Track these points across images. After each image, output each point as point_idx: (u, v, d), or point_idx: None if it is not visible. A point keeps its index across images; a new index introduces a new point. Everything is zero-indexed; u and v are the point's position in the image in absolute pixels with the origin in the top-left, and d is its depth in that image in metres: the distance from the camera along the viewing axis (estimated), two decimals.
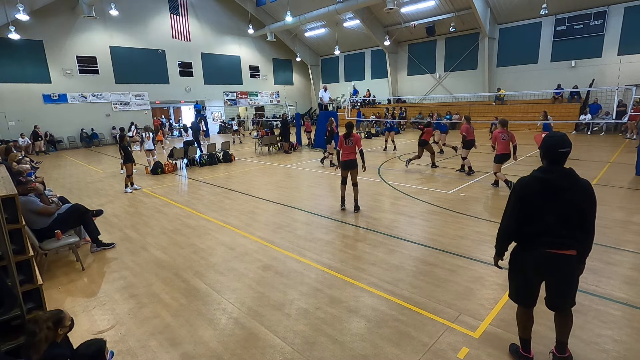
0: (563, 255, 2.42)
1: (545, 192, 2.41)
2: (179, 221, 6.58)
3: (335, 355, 2.91)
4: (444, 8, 21.96)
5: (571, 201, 2.37)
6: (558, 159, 2.39)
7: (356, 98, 27.34)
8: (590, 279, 3.91)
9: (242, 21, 27.18)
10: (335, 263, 4.56)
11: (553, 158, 2.41)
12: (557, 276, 2.50)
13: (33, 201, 4.59)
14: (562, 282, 2.51)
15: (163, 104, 25.95)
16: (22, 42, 18.22)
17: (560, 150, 2.37)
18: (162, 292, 4.05)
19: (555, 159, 2.40)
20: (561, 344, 2.66)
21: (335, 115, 15.87)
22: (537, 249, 2.48)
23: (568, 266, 2.45)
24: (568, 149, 2.38)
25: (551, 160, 2.43)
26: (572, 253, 2.43)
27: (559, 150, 2.37)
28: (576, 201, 2.37)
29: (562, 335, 2.65)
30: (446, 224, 5.81)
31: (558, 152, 2.38)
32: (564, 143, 2.37)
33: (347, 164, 6.55)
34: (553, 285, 2.55)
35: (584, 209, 2.38)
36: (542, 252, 2.46)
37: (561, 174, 2.38)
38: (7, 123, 18.65)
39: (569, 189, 2.37)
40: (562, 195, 2.37)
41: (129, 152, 8.78)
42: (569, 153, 2.40)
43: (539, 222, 2.44)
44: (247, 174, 10.86)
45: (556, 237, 2.41)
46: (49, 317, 2.31)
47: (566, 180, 2.37)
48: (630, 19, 17.18)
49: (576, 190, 2.37)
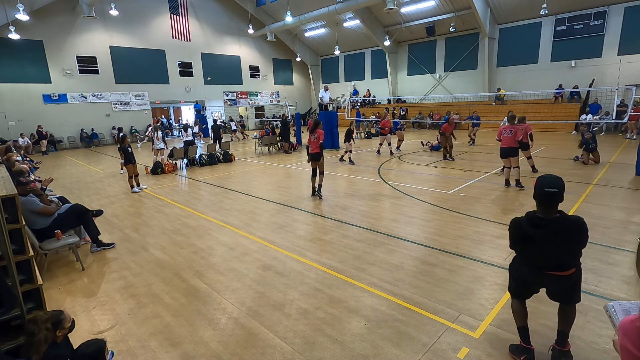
0: (563, 275, 2.55)
1: (538, 233, 2.49)
2: (179, 221, 6.58)
3: (335, 355, 2.91)
4: (444, 8, 21.96)
5: (563, 240, 2.45)
6: (547, 199, 2.44)
7: (356, 98, 27.34)
8: (590, 279, 3.91)
9: (242, 21, 27.19)
10: (335, 263, 4.56)
11: (542, 199, 2.47)
12: (558, 288, 2.64)
13: (33, 201, 4.59)
14: (563, 292, 2.65)
15: (163, 104, 25.96)
16: (22, 42, 18.23)
17: (547, 190, 2.41)
18: (162, 292, 4.05)
19: (544, 199, 2.46)
20: (562, 335, 2.68)
21: (335, 116, 15.89)
22: (539, 270, 2.59)
23: (568, 282, 2.58)
24: (556, 189, 2.40)
25: (540, 201, 2.49)
26: (571, 272, 2.55)
27: (545, 190, 2.42)
28: (568, 240, 2.46)
29: (564, 326, 2.68)
30: (446, 224, 5.81)
31: (545, 191, 2.42)
32: (553, 184, 2.42)
33: (313, 156, 7.53)
34: (555, 293, 2.69)
35: (578, 242, 2.48)
36: (543, 273, 2.58)
37: (549, 222, 2.45)
38: (7, 123, 18.66)
39: (559, 233, 2.44)
40: (554, 237, 2.45)
41: (129, 153, 8.75)
42: (557, 194, 2.41)
43: (538, 254, 2.55)
44: (247, 174, 10.86)
45: (556, 264, 2.53)
46: (48, 318, 2.31)
47: (555, 227, 2.43)
48: (630, 19, 17.17)
49: (568, 231, 2.45)
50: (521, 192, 7.47)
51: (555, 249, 2.46)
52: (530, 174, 8.81)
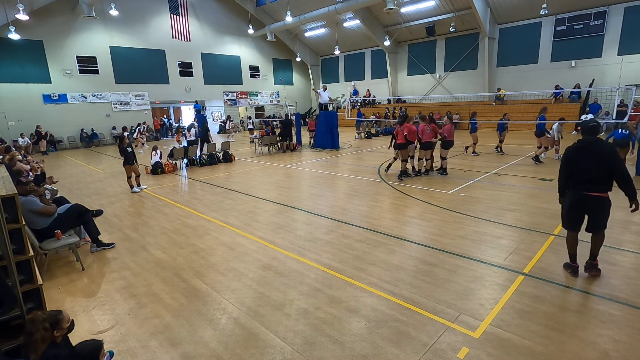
0: (596, 196, 3.68)
1: (581, 154, 3.71)
2: (179, 221, 6.58)
3: (335, 355, 2.91)
4: (444, 8, 21.96)
5: (600, 159, 3.61)
6: (590, 131, 3.74)
7: (356, 98, 27.34)
8: (590, 279, 3.91)
9: (242, 21, 27.19)
10: (335, 263, 4.56)
11: (588, 130, 3.75)
12: (593, 210, 3.75)
13: (33, 201, 4.59)
14: (597, 213, 3.75)
15: (163, 104, 25.95)
16: (22, 42, 18.22)
17: (591, 124, 3.75)
18: (162, 292, 4.05)
19: (588, 131, 3.76)
20: (593, 255, 3.94)
21: (335, 115, 15.89)
22: (579, 192, 3.76)
23: (600, 203, 3.70)
24: (596, 123, 3.75)
25: (587, 131, 3.77)
26: (603, 195, 3.68)
27: (590, 124, 3.75)
28: (603, 158, 3.60)
29: (595, 248, 3.91)
30: (446, 224, 5.81)
31: (589, 125, 3.75)
32: (594, 121, 3.78)
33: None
34: (591, 216, 3.79)
35: (610, 162, 3.58)
36: (583, 194, 3.74)
37: (591, 141, 3.72)
38: (7, 123, 18.65)
39: (596, 151, 3.63)
40: (592, 155, 3.64)
41: (128, 153, 8.70)
42: (598, 125, 3.73)
43: (579, 174, 3.73)
44: (247, 174, 10.86)
45: (591, 184, 3.67)
46: (46, 318, 2.30)
47: (592, 147, 3.69)
48: (630, 19, 17.18)
49: (602, 151, 3.63)
50: (521, 192, 7.45)
51: (597, 164, 3.60)
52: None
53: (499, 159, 11.50)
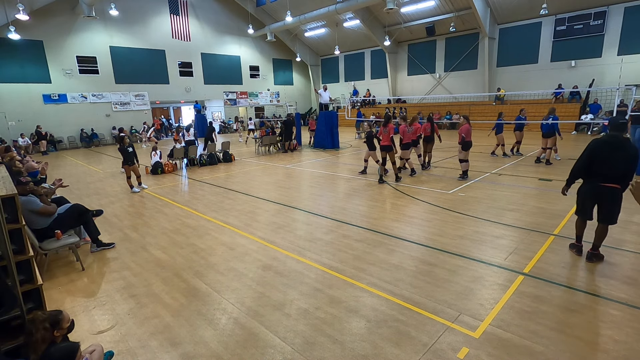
0: (609, 187, 3.98)
1: (608, 149, 3.95)
2: (179, 221, 6.58)
3: (335, 355, 2.91)
4: (444, 8, 21.95)
5: (621, 156, 3.89)
6: (619, 127, 4.11)
7: (356, 98, 27.34)
8: (590, 278, 3.91)
9: (242, 21, 27.17)
10: (335, 263, 4.56)
11: (617, 126, 4.10)
12: (605, 200, 4.04)
13: (33, 201, 4.59)
14: (609, 204, 4.04)
15: (163, 104, 25.95)
16: (22, 42, 18.20)
17: (621, 121, 4.14)
18: (162, 292, 4.05)
19: (617, 127, 4.13)
20: (595, 246, 4.25)
21: (335, 115, 15.89)
22: (595, 183, 4.06)
23: (613, 194, 3.99)
24: (625, 120, 4.09)
25: (616, 128, 4.12)
26: (616, 187, 3.97)
27: (619, 122, 4.12)
28: (624, 156, 3.88)
29: (598, 240, 4.21)
30: (446, 224, 5.81)
31: (619, 122, 4.13)
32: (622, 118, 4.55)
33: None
34: (603, 206, 4.09)
35: (632, 163, 3.86)
36: (598, 185, 4.04)
37: (618, 139, 3.95)
38: (7, 123, 18.64)
39: (622, 149, 3.88)
40: (618, 152, 3.90)
41: (128, 154, 8.69)
42: (625, 123, 4.10)
43: (599, 165, 3.99)
44: (247, 174, 10.86)
45: (607, 176, 3.96)
46: (46, 318, 2.30)
47: (620, 144, 3.92)
48: (630, 19, 17.16)
49: (625, 150, 3.89)
50: (521, 192, 7.44)
51: (620, 162, 3.87)
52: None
53: (499, 159, 11.47)
